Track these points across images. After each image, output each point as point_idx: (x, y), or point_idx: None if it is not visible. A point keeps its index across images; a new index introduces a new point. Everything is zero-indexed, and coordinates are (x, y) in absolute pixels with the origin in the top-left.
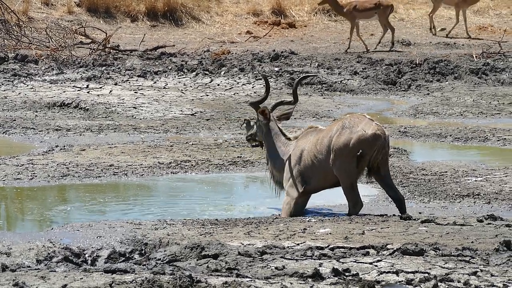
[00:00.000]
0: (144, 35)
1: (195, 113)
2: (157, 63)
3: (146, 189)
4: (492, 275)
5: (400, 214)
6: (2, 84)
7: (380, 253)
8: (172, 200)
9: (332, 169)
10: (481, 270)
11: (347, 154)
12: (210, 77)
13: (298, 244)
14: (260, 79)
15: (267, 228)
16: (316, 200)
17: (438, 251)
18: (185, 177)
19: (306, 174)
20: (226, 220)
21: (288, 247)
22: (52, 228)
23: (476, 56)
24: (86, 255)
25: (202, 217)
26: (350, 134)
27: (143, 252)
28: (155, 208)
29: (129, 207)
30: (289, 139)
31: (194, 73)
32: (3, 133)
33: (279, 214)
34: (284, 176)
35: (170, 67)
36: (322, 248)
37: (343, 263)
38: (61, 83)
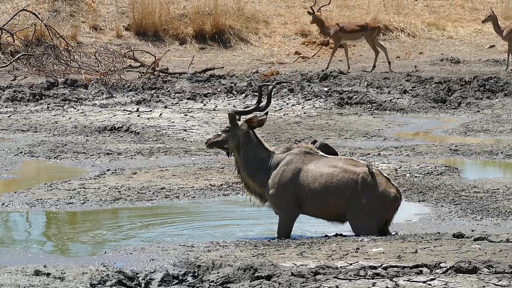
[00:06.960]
0: (193, 57)
1: None
2: (206, 85)
3: (198, 211)
4: None
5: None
6: (53, 109)
7: (433, 271)
8: (224, 222)
9: (338, 210)
10: None
11: (368, 214)
12: None
13: (351, 264)
14: (309, 99)
15: (319, 248)
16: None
17: (491, 268)
18: (237, 199)
19: (302, 197)
20: (278, 241)
21: (341, 267)
22: (105, 252)
23: None
24: (140, 278)
25: (254, 238)
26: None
27: (196, 274)
28: (207, 230)
29: (181, 230)
30: (269, 151)
31: (244, 94)
32: (55, 158)
33: (339, 234)
34: (272, 193)
35: (219, 89)
36: (375, 268)
37: (396, 282)
38: (111, 107)
